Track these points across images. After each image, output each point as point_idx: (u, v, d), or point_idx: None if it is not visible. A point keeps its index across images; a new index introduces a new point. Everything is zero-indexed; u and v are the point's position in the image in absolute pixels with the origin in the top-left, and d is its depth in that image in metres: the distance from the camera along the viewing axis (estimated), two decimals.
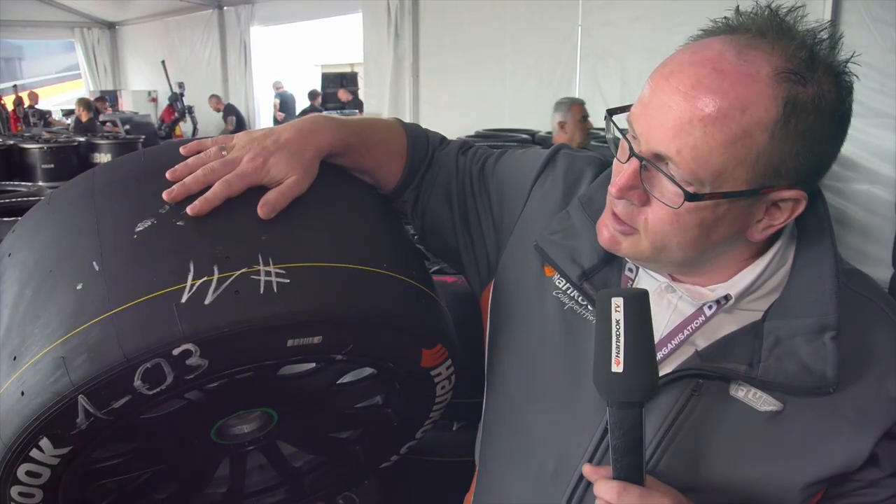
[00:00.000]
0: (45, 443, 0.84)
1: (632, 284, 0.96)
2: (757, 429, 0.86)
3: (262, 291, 0.83)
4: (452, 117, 7.23)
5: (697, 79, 0.77)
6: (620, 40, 5.89)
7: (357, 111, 9.67)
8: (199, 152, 0.94)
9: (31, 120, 10.09)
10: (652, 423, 0.88)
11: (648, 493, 0.80)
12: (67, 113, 10.85)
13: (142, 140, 7.47)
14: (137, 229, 0.87)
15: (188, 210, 0.87)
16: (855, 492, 0.89)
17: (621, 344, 0.77)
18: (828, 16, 4.45)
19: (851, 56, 0.80)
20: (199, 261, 0.84)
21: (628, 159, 0.84)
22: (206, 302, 0.81)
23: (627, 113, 0.86)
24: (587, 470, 0.87)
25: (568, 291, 0.99)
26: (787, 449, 0.86)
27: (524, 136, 5.71)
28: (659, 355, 0.88)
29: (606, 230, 0.90)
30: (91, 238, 0.89)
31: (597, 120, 4.19)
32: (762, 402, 0.86)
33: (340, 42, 12.06)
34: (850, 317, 0.85)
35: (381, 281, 0.95)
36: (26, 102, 11.14)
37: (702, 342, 0.89)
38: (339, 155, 1.02)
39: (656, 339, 0.86)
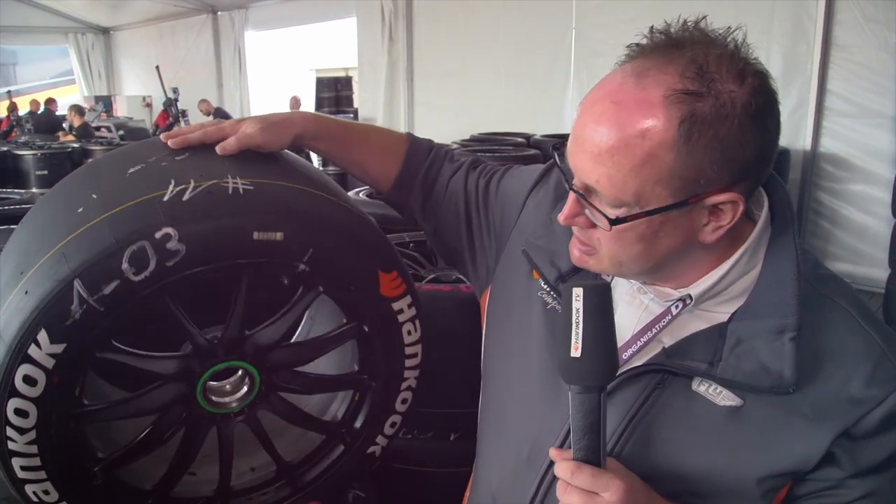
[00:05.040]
0: (42, 336, 0.96)
1: None
2: (715, 422, 0.90)
3: (230, 192, 1.03)
4: (447, 120, 7.24)
5: (600, 112, 0.83)
6: (614, 42, 5.89)
7: (350, 114, 9.63)
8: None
9: (26, 127, 10.04)
10: (618, 412, 0.94)
11: (600, 474, 0.85)
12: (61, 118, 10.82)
13: None
14: (129, 171, 1.06)
15: (169, 142, 1.09)
16: (821, 493, 0.92)
17: (580, 331, 0.83)
18: (821, 16, 4.48)
19: (748, 56, 0.82)
20: (178, 178, 1.03)
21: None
22: (184, 198, 1.00)
23: None
24: (553, 452, 0.93)
25: (551, 292, 1.05)
26: (743, 442, 0.90)
27: (519, 139, 5.71)
28: (629, 351, 0.95)
29: (576, 250, 0.96)
30: (92, 183, 1.10)
31: None
32: (722, 397, 0.90)
33: (335, 46, 12.05)
34: (816, 319, 0.89)
35: (337, 203, 1.15)
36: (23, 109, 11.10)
37: (668, 340, 0.94)
38: (313, 137, 1.17)
39: (628, 336, 0.96)
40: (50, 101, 11.45)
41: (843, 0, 4.48)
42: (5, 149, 6.30)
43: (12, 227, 1.56)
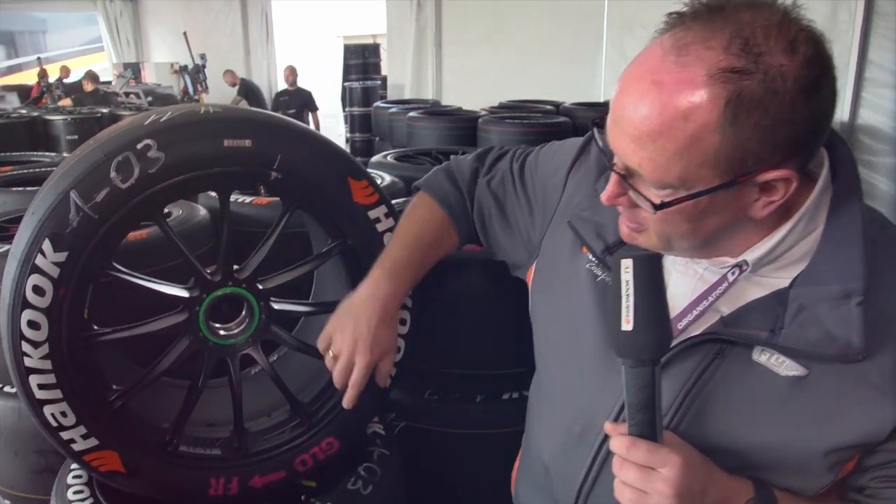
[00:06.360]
0: (46, 245, 1.09)
1: None
2: (777, 393, 0.88)
3: (202, 112, 1.21)
4: (475, 88, 7.17)
5: (640, 94, 0.79)
6: (648, 9, 5.76)
7: (378, 81, 9.54)
8: None
9: (56, 94, 10.11)
10: (674, 384, 0.92)
11: (656, 449, 0.84)
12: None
13: None
14: (122, 124, 1.22)
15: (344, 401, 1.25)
16: (891, 464, 0.88)
17: (630, 303, 0.81)
18: None
19: (801, 20, 0.78)
20: (159, 112, 1.19)
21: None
22: (162, 120, 1.16)
23: None
24: (608, 426, 0.91)
25: (599, 264, 1.03)
26: (808, 414, 0.87)
27: (548, 107, 5.63)
28: (685, 321, 0.92)
29: (625, 227, 0.94)
30: (93, 138, 1.22)
31: None
32: (784, 366, 0.87)
33: (363, 13, 11.95)
34: (884, 283, 0.84)
35: (300, 124, 1.29)
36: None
37: (726, 308, 0.91)
38: (402, 289, 1.22)
39: (683, 305, 0.93)
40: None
41: None
42: (36, 114, 6.36)
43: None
